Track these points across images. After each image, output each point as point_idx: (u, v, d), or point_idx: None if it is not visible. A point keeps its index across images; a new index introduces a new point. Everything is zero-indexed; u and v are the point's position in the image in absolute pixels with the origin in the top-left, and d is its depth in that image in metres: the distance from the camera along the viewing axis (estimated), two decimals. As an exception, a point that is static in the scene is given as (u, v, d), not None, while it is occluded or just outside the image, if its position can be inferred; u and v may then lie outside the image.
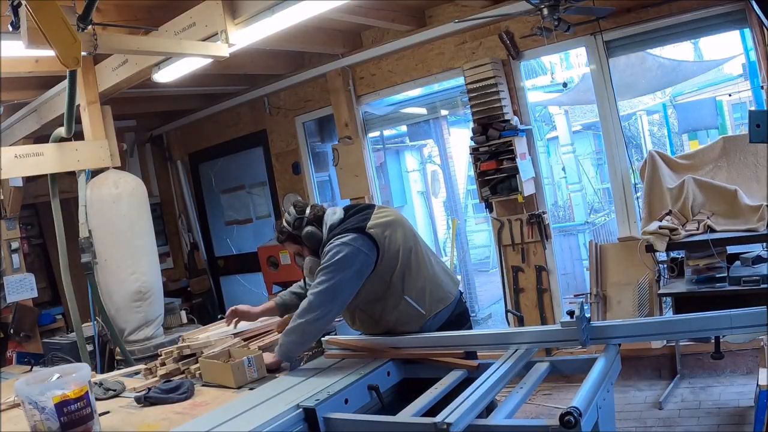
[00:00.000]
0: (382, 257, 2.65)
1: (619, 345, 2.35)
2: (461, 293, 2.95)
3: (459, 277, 2.95)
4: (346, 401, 2.28)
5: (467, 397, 2.03)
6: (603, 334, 2.35)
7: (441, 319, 2.77)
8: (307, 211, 2.79)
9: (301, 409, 2.14)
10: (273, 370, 2.73)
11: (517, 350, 2.45)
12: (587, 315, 2.34)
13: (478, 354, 2.75)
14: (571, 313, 2.30)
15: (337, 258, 2.57)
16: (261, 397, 2.35)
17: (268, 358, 2.74)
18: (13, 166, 4.09)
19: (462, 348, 2.59)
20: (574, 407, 1.76)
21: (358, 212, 2.82)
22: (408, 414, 2.08)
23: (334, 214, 2.79)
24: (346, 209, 2.85)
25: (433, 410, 2.08)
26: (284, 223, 2.83)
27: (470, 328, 2.96)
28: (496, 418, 1.98)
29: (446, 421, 1.85)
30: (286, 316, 3.51)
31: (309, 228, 2.74)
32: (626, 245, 4.55)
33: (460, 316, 2.86)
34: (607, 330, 2.36)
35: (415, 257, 2.74)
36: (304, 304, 2.62)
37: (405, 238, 2.74)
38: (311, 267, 2.75)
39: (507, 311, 4.97)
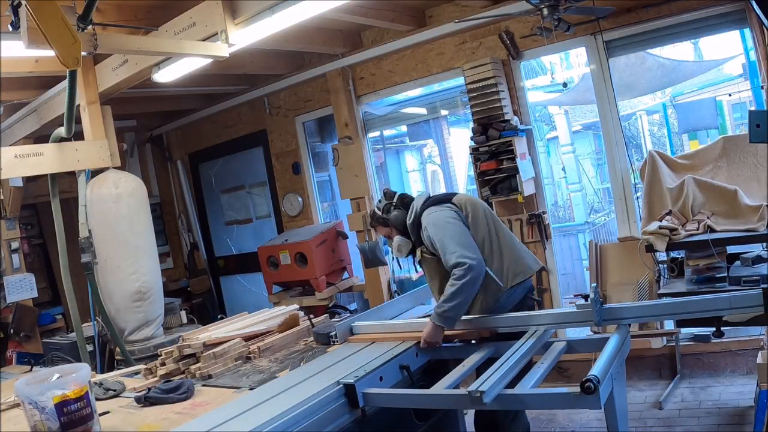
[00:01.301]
0: (466, 224, 2.97)
1: (629, 325, 2.63)
2: (543, 268, 3.34)
3: (540, 262, 3.24)
4: (381, 378, 2.52)
5: (496, 370, 2.29)
6: (614, 315, 2.63)
7: (517, 296, 3.01)
8: (395, 198, 3.18)
9: (341, 385, 2.37)
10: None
11: (536, 331, 2.72)
12: (600, 298, 2.62)
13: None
14: (585, 297, 2.59)
15: (440, 223, 2.91)
16: (303, 375, 2.58)
17: (427, 330, 2.83)
18: (13, 166, 4.09)
19: (488, 328, 2.87)
20: (593, 375, 1.97)
21: (442, 194, 3.23)
22: (442, 386, 2.36)
23: (420, 197, 3.16)
24: (429, 195, 3.20)
25: (462, 386, 2.37)
26: (375, 209, 3.23)
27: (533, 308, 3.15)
28: (522, 387, 2.23)
29: (480, 389, 2.08)
30: (289, 316, 3.53)
31: (396, 212, 3.13)
32: (626, 245, 4.55)
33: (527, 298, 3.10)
34: (618, 311, 2.64)
35: (495, 233, 3.01)
36: (455, 270, 2.80)
37: (486, 216, 3.05)
38: (399, 245, 3.13)
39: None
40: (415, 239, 3.08)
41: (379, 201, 3.22)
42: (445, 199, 3.06)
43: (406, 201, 3.16)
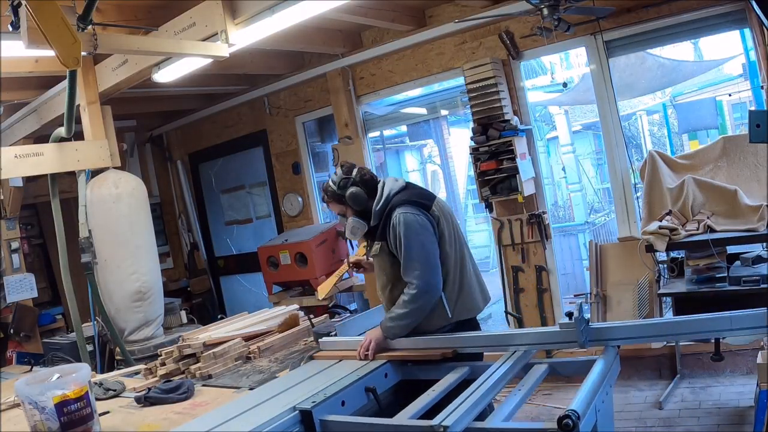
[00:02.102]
0: (437, 239, 2.71)
1: (618, 347, 2.35)
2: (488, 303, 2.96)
3: (490, 294, 2.96)
4: (343, 403, 2.27)
5: (465, 399, 2.03)
6: (602, 336, 2.35)
7: (459, 328, 2.77)
8: (354, 172, 2.81)
9: (297, 411, 2.14)
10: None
11: (516, 351, 2.45)
12: (586, 316, 2.34)
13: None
14: (569, 315, 2.30)
15: (415, 229, 2.63)
16: (259, 397, 2.35)
17: (376, 334, 2.71)
18: (13, 166, 4.09)
19: (463, 349, 2.59)
20: (573, 410, 1.76)
21: (421, 189, 2.91)
22: (406, 416, 2.08)
23: (395, 181, 2.84)
24: (407, 182, 2.90)
25: (431, 412, 2.07)
26: (329, 183, 2.85)
27: None
28: (494, 421, 1.98)
29: (443, 424, 1.84)
30: (289, 316, 3.52)
31: (353, 189, 2.77)
32: (626, 245, 4.54)
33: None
34: (605, 332, 2.36)
35: (461, 260, 2.77)
36: (410, 289, 2.62)
37: (456, 239, 2.78)
38: (353, 227, 2.80)
39: (506, 313, 4.97)
40: (378, 230, 2.76)
41: (335, 174, 2.86)
42: (425, 203, 2.74)
43: (366, 178, 2.81)
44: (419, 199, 2.75)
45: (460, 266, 2.76)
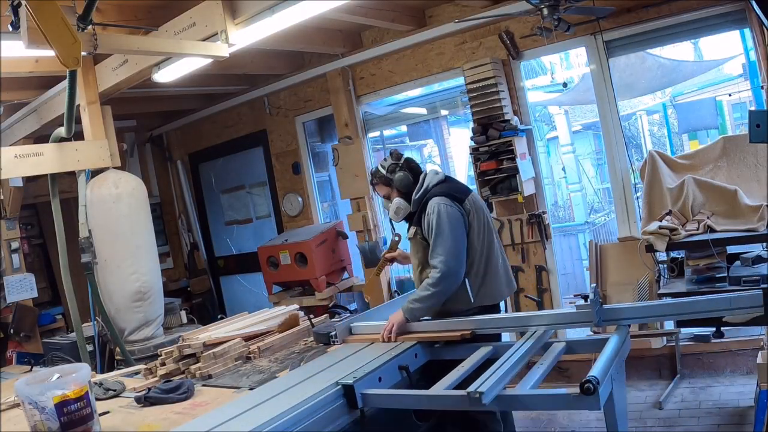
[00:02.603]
0: (466, 231, 2.97)
1: (629, 326, 2.60)
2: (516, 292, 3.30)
3: (515, 285, 3.23)
4: (380, 379, 2.51)
5: (495, 370, 2.28)
6: (614, 316, 2.61)
7: (481, 313, 2.98)
8: (402, 159, 3.16)
9: (340, 386, 2.36)
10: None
11: (536, 332, 2.70)
12: (599, 299, 2.59)
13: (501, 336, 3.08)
14: (585, 297, 2.55)
15: (445, 219, 2.90)
16: (302, 376, 2.57)
17: (398, 317, 2.95)
18: (13, 166, 4.09)
19: (488, 330, 2.86)
20: (593, 376, 1.97)
21: (458, 184, 3.20)
22: (441, 387, 2.35)
23: (436, 174, 3.14)
24: (447, 176, 3.18)
25: (461, 386, 2.32)
26: (379, 167, 3.18)
27: None
28: (522, 388, 2.20)
29: (479, 390, 2.07)
30: (289, 316, 3.53)
31: (401, 173, 3.10)
32: (626, 245, 4.55)
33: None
34: (618, 312, 2.62)
35: (487, 251, 3.02)
36: (434, 273, 2.89)
37: (485, 231, 3.03)
38: (398, 208, 3.11)
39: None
40: (415, 216, 3.06)
41: (385, 159, 3.20)
42: (460, 197, 3.01)
43: (412, 165, 3.16)
44: (454, 192, 3.02)
45: (486, 256, 3.00)
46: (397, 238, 3.39)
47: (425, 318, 3.01)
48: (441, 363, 2.83)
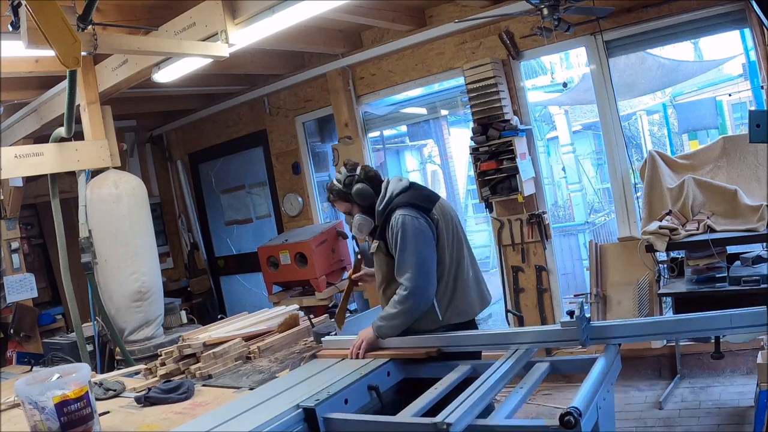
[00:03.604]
0: (435, 243, 2.72)
1: (619, 345, 2.37)
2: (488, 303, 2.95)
3: (490, 297, 2.94)
4: (346, 401, 2.28)
5: (467, 397, 2.04)
6: (603, 334, 2.37)
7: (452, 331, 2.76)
8: (358, 169, 2.86)
9: (300, 409, 2.14)
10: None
11: (517, 350, 2.47)
12: (587, 315, 2.35)
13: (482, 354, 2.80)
14: (571, 313, 2.31)
15: (412, 232, 2.64)
16: (261, 396, 2.36)
17: (368, 333, 2.75)
18: (13, 166, 4.09)
19: (464, 348, 2.62)
20: (574, 407, 1.77)
21: (424, 190, 2.91)
22: (408, 414, 2.09)
23: (399, 181, 2.85)
24: (411, 183, 2.91)
25: (434, 410, 2.08)
26: (335, 182, 2.89)
27: None
28: (496, 418, 1.99)
29: (446, 421, 1.85)
30: (289, 316, 3.53)
31: (359, 185, 2.80)
32: (626, 245, 4.54)
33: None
34: (606, 330, 2.38)
35: (456, 265, 2.77)
36: (401, 290, 2.65)
37: (454, 243, 2.79)
38: (360, 224, 2.84)
39: (507, 311, 4.97)
40: (379, 228, 2.79)
41: (339, 172, 2.90)
42: (426, 206, 2.75)
43: (371, 175, 2.86)
44: (420, 201, 2.76)
45: (455, 270, 2.76)
46: (359, 256, 3.15)
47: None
48: (418, 380, 2.60)
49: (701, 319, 2.22)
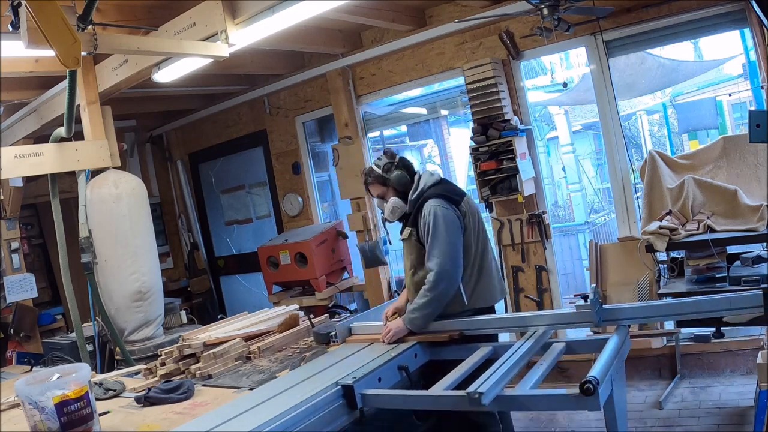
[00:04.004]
0: (462, 233, 2.95)
1: (629, 326, 2.61)
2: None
3: (507, 290, 3.19)
4: (380, 379, 2.52)
5: (495, 371, 2.27)
6: (614, 316, 2.62)
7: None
8: (397, 158, 3.12)
9: (339, 386, 2.36)
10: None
11: (535, 332, 2.70)
12: (599, 299, 2.59)
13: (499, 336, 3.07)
14: (585, 297, 2.56)
15: (442, 221, 2.87)
16: (302, 376, 2.58)
17: (398, 325, 2.93)
18: (13, 166, 4.09)
19: (486, 330, 2.88)
20: (593, 376, 1.97)
21: (453, 185, 3.16)
22: (441, 388, 2.34)
23: (431, 175, 3.10)
24: (442, 178, 3.15)
25: (460, 386, 2.31)
26: (374, 166, 3.13)
27: None
28: (521, 389, 2.20)
29: (478, 390, 2.07)
30: (289, 316, 3.53)
31: (398, 172, 3.06)
32: (626, 245, 4.54)
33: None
34: (618, 312, 2.62)
35: (481, 254, 3.01)
36: (430, 277, 2.85)
37: (479, 234, 3.03)
38: (394, 207, 3.06)
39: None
40: (411, 217, 3.03)
41: (379, 159, 3.15)
42: (456, 199, 2.99)
43: (407, 164, 3.12)
44: (451, 194, 3.00)
45: (480, 258, 3.00)
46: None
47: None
48: (441, 363, 2.82)
49: (704, 302, 2.49)
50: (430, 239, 2.88)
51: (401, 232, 3.12)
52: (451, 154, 10.01)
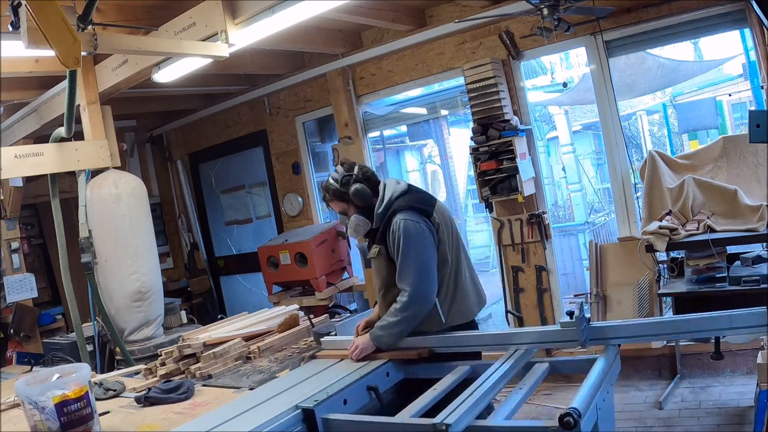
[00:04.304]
0: (436, 247, 2.70)
1: (619, 345, 2.36)
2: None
3: (486, 297, 2.95)
4: (345, 402, 2.29)
5: (467, 398, 2.03)
6: (602, 335, 2.36)
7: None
8: (355, 169, 2.80)
9: (299, 410, 2.14)
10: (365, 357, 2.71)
11: (517, 350, 2.46)
12: (587, 315, 2.35)
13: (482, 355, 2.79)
14: (570, 314, 2.31)
15: (413, 238, 2.61)
16: (260, 397, 2.36)
17: (365, 341, 2.69)
18: (13, 166, 4.09)
19: (464, 348, 2.62)
20: (574, 408, 1.77)
21: (422, 193, 2.86)
22: (407, 414, 2.09)
23: (397, 184, 2.81)
24: (409, 185, 2.86)
25: (433, 410, 2.07)
26: (331, 180, 2.82)
27: None
28: (496, 419, 1.99)
29: (445, 422, 1.85)
30: (289, 316, 3.53)
31: (357, 185, 2.74)
32: (626, 245, 4.54)
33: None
34: (606, 330, 2.37)
35: (456, 268, 2.76)
36: (402, 297, 2.62)
37: (453, 246, 2.78)
38: (357, 225, 2.78)
39: (507, 312, 4.97)
40: (378, 233, 2.75)
41: (335, 171, 2.84)
42: (427, 209, 2.72)
43: (368, 175, 2.80)
44: (421, 204, 2.73)
45: (455, 272, 2.75)
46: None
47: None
48: (417, 381, 2.60)
49: (701, 320, 2.21)
50: (400, 257, 2.62)
51: (369, 250, 2.86)
52: (451, 154, 10.02)
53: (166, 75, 4.16)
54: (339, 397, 2.27)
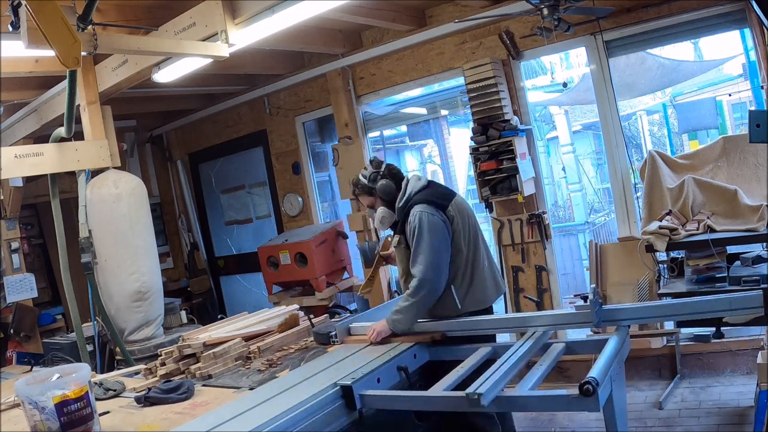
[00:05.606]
0: (450, 238, 2.95)
1: (629, 326, 2.61)
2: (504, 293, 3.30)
3: (504, 287, 3.24)
4: (378, 380, 2.52)
5: (494, 371, 2.28)
6: (614, 317, 2.63)
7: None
8: (383, 167, 3.13)
9: (338, 387, 2.37)
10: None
11: (535, 332, 2.71)
12: (599, 299, 2.60)
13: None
14: (585, 298, 2.59)
15: (427, 228, 2.87)
16: (300, 377, 2.58)
17: (382, 326, 2.96)
18: (13, 166, 4.09)
19: (486, 331, 2.90)
20: (593, 377, 1.97)
21: (441, 188, 3.17)
22: (439, 388, 2.35)
23: (418, 180, 3.10)
24: (429, 181, 3.16)
25: (460, 386, 2.32)
26: (360, 177, 3.15)
27: None
28: (521, 390, 2.25)
29: (477, 391, 2.08)
30: (289, 316, 3.53)
31: (384, 181, 3.06)
32: (626, 245, 4.54)
33: None
34: (617, 312, 2.64)
35: (473, 256, 3.00)
36: (413, 283, 2.87)
37: (470, 236, 3.02)
38: (383, 217, 3.09)
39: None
40: (399, 224, 3.05)
41: (365, 168, 3.17)
42: (443, 203, 2.99)
43: (394, 172, 3.12)
44: (437, 198, 2.99)
45: (472, 262, 2.98)
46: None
47: (422, 320, 3.00)
48: (440, 363, 2.83)
49: (704, 302, 2.50)
50: (414, 245, 2.89)
51: (392, 240, 3.15)
52: (451, 154, 10.01)
53: (166, 75, 4.16)
54: (373, 376, 2.50)
